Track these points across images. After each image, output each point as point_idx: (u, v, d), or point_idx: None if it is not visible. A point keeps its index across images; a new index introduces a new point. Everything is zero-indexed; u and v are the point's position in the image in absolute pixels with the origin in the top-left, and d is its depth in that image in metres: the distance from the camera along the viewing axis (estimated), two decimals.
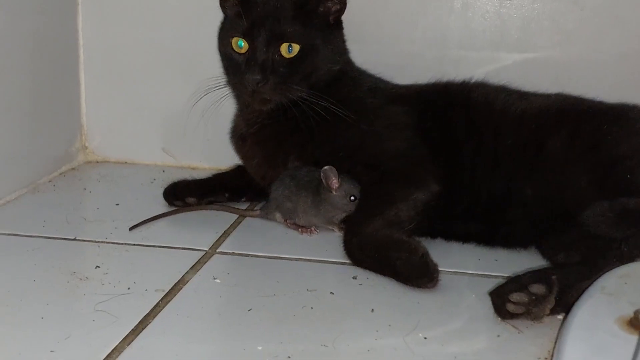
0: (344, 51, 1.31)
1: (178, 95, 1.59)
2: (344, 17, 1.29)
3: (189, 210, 1.35)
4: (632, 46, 1.44)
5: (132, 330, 0.92)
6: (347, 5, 1.27)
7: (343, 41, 1.30)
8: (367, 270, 1.11)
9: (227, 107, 1.36)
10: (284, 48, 1.21)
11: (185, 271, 1.10)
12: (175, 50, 1.59)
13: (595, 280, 0.95)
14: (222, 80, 1.30)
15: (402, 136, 1.26)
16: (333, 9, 1.25)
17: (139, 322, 0.94)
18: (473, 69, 1.41)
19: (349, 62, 1.33)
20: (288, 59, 1.21)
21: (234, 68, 1.24)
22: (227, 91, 1.31)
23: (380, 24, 1.51)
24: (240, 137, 1.37)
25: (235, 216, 1.33)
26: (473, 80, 1.33)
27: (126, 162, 1.67)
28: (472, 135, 1.24)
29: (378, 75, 1.39)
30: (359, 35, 1.35)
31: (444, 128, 1.26)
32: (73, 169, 1.61)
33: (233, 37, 1.23)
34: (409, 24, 1.50)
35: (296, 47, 1.21)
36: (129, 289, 1.03)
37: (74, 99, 1.62)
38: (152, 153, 1.66)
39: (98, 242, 1.20)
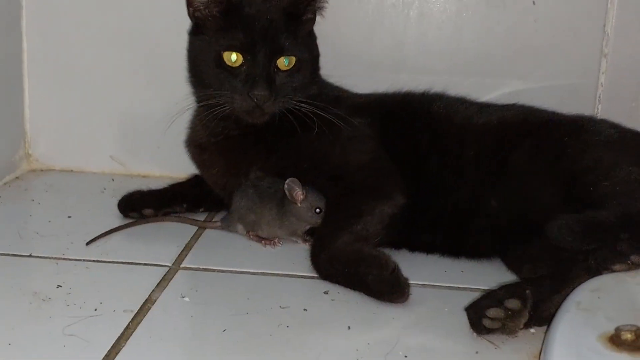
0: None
1: (129, 101, 1.56)
2: None
3: (146, 222, 1.31)
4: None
5: (106, 355, 0.88)
6: None
7: (318, 50, 1.29)
8: (337, 285, 1.10)
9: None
10: (281, 61, 1.20)
11: (152, 289, 1.06)
12: (126, 50, 1.53)
13: (567, 294, 0.97)
14: (197, 95, 1.28)
15: (366, 148, 1.25)
16: (309, 18, 1.25)
17: (112, 346, 0.90)
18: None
19: None
20: (284, 71, 1.20)
21: (225, 83, 1.20)
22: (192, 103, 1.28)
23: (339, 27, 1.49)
24: (199, 145, 1.33)
25: (195, 228, 1.30)
26: (432, 91, 1.34)
27: (72, 170, 1.60)
28: (435, 147, 1.25)
29: (337, 85, 1.38)
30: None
31: (407, 140, 1.27)
32: (17, 178, 1.54)
33: (225, 51, 1.19)
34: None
35: (292, 60, 1.21)
36: (95, 310, 0.99)
37: (17, 104, 1.55)
38: (99, 160, 1.59)
39: (55, 258, 1.15)
